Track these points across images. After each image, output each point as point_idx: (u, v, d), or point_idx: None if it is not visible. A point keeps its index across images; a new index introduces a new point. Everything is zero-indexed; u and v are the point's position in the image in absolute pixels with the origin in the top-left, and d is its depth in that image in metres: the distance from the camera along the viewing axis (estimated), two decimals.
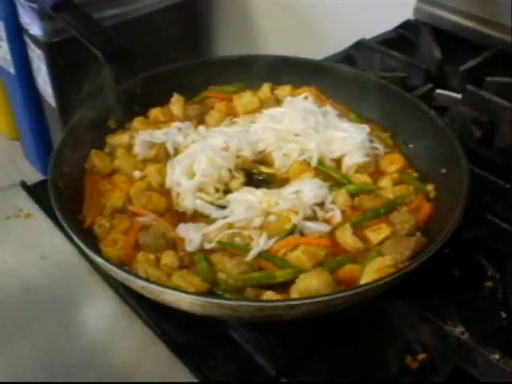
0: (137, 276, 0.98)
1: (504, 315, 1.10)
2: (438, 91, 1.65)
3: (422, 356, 1.03)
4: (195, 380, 0.98)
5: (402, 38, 1.90)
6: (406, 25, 1.93)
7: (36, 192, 1.31)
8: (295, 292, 0.99)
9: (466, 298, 1.13)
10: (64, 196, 1.13)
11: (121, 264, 1.06)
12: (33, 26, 2.40)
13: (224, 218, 1.15)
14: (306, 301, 0.91)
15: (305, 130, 1.31)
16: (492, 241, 1.22)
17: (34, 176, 3.11)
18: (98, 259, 0.98)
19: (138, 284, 0.96)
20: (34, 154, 3.19)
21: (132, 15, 2.49)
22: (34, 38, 2.46)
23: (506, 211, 1.27)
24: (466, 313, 1.10)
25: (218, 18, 2.86)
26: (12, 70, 2.77)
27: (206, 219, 1.17)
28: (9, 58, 2.73)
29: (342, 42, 1.80)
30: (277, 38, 2.60)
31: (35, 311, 1.09)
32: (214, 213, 1.18)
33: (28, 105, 2.90)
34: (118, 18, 2.43)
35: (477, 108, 1.56)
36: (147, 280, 0.97)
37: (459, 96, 1.62)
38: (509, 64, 1.73)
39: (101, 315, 1.11)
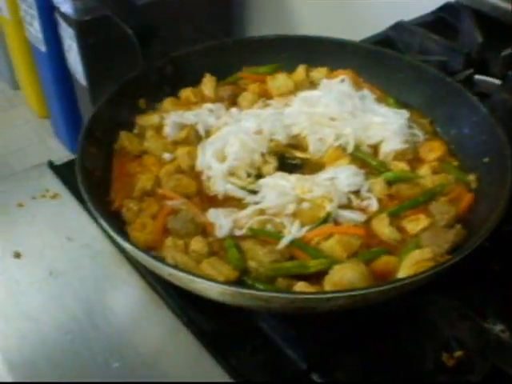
0: (165, 263, 0.94)
1: None
2: (479, 77, 1.59)
3: (458, 353, 0.99)
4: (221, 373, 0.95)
5: (442, 20, 1.84)
6: (445, 7, 1.86)
7: (63, 172, 1.29)
8: (329, 284, 0.95)
9: (506, 294, 1.08)
10: (92, 177, 1.10)
11: (148, 249, 1.02)
12: (64, 3, 2.39)
13: (256, 203, 1.11)
14: (341, 294, 0.87)
15: (341, 114, 1.26)
16: None
17: (63, 155, 3.11)
18: (126, 244, 0.95)
19: (165, 271, 0.92)
20: (64, 132, 3.19)
21: None
22: (65, 16, 2.44)
23: None
24: (506, 309, 1.05)
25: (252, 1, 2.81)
26: (43, 48, 2.76)
27: (238, 204, 1.13)
28: (40, 35, 2.71)
29: (379, 23, 1.74)
30: (314, 20, 2.54)
31: (60, 294, 1.07)
32: (246, 197, 1.13)
33: (58, 83, 2.90)
34: None
35: None
36: (176, 267, 0.93)
37: (499, 82, 1.56)
38: None
39: (126, 301, 1.08)
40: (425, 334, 1.02)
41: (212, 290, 0.90)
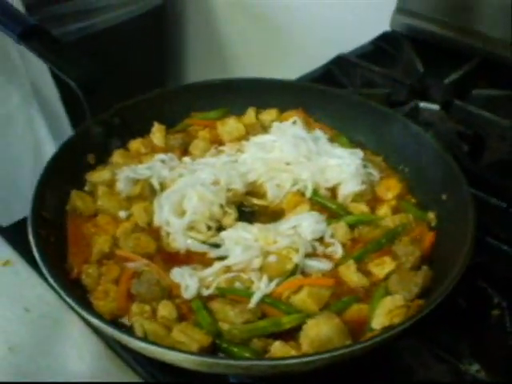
0: (135, 337, 0.91)
1: None
2: (423, 105, 1.62)
3: None
4: None
5: (381, 50, 1.87)
6: (384, 37, 1.89)
7: (12, 236, 1.23)
8: (306, 342, 0.93)
9: (475, 329, 1.10)
10: (46, 243, 1.05)
11: (114, 317, 0.99)
12: None
13: (221, 257, 1.09)
14: (323, 356, 0.85)
15: (296, 158, 1.25)
16: (495, 266, 1.18)
17: None
18: (92, 318, 0.91)
19: (136, 344, 0.88)
20: None
21: (97, 27, 2.42)
22: None
23: (506, 233, 1.24)
24: (477, 346, 1.06)
25: (186, 37, 2.79)
26: None
27: (201, 259, 1.11)
28: None
29: (320, 56, 1.76)
30: (252, 60, 2.54)
31: (21, 370, 1.02)
32: (209, 252, 1.11)
33: None
34: (83, 32, 2.34)
35: (463, 122, 1.53)
36: (147, 341, 0.90)
37: (438, 108, 1.59)
38: (492, 75, 1.71)
39: (92, 370, 1.03)
40: (402, 378, 1.02)
41: (188, 361, 0.87)
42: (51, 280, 0.96)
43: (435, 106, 1.61)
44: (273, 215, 1.21)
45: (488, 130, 1.51)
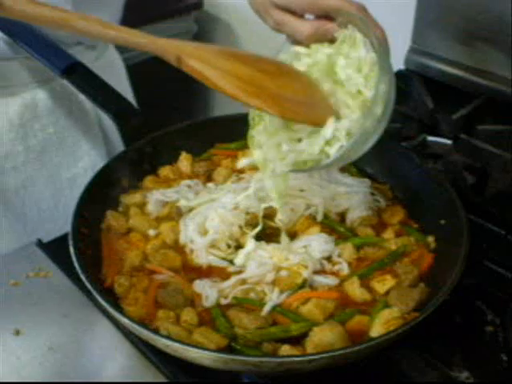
0: (162, 335, 1.03)
1: (505, 358, 1.15)
2: (431, 139, 1.73)
3: None
4: None
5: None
6: (397, 74, 2.00)
7: (52, 250, 1.37)
8: (311, 345, 1.05)
9: (468, 343, 1.19)
10: (85, 257, 1.18)
11: (142, 322, 1.11)
12: None
13: (238, 272, 1.22)
14: (323, 355, 0.97)
15: (310, 185, 1.37)
16: (491, 287, 1.28)
17: None
18: (124, 319, 1.04)
19: (162, 343, 1.01)
20: None
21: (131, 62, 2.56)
22: None
23: (502, 258, 1.33)
24: (469, 358, 1.15)
25: None
26: None
27: (221, 273, 1.23)
28: None
29: None
30: None
31: (59, 368, 1.15)
32: (229, 267, 1.24)
33: None
34: None
35: (470, 156, 1.63)
36: (171, 339, 1.02)
37: (450, 143, 1.70)
38: (498, 111, 1.81)
39: (122, 369, 1.16)
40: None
41: (206, 358, 0.99)
42: (89, 286, 1.10)
43: (445, 140, 1.72)
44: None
45: (492, 163, 1.61)
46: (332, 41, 1.19)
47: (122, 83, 1.89)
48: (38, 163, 1.66)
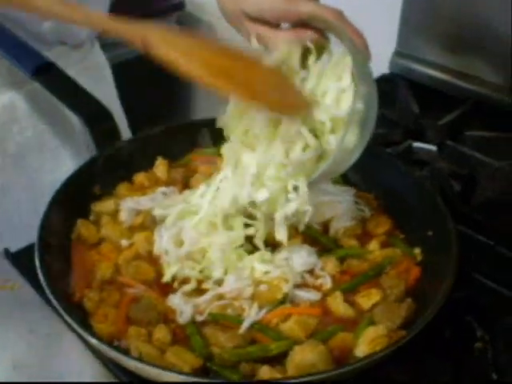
0: (131, 357, 0.97)
1: (495, 377, 1.10)
2: (417, 145, 1.68)
3: None
4: None
5: (379, 91, 1.93)
6: (381, 78, 1.96)
7: (20, 261, 1.29)
8: (291, 366, 0.99)
9: (458, 360, 1.14)
10: (52, 270, 1.12)
11: (112, 339, 1.05)
12: None
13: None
14: (305, 379, 0.91)
15: None
16: (480, 301, 1.23)
17: None
18: (92, 340, 0.97)
19: (131, 364, 0.95)
20: None
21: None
22: None
23: (492, 270, 1.28)
24: (459, 376, 1.11)
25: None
26: None
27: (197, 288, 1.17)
28: None
29: None
30: None
31: None
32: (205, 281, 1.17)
33: None
34: None
35: (456, 163, 1.59)
36: (142, 361, 0.96)
37: (436, 149, 1.65)
38: (485, 117, 1.77)
39: None
40: None
41: (180, 382, 0.93)
42: (54, 302, 1.03)
43: (431, 147, 1.68)
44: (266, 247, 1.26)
45: (479, 171, 1.57)
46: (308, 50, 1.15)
47: (107, 85, 1.83)
48: (17, 168, 1.59)
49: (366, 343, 1.03)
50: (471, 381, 1.11)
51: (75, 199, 1.30)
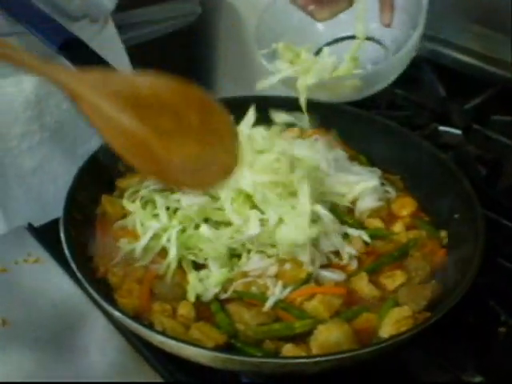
0: (155, 331, 0.97)
1: None
2: (443, 128, 1.66)
3: None
4: None
5: (405, 73, 1.91)
6: None
7: (43, 235, 1.30)
8: (316, 345, 0.98)
9: (481, 345, 1.13)
10: (77, 244, 1.12)
11: (136, 315, 1.05)
12: None
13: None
14: (330, 357, 0.90)
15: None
16: (505, 286, 1.22)
17: None
18: (116, 313, 0.97)
19: (156, 339, 0.95)
20: None
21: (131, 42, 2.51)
22: None
23: None
24: (482, 361, 1.10)
25: (217, 55, 2.87)
26: None
27: None
28: None
29: None
30: None
31: (45, 360, 1.08)
32: None
33: None
34: None
35: (482, 147, 1.57)
36: (166, 335, 0.96)
37: (461, 133, 1.64)
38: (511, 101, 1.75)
39: (113, 365, 1.09)
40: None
41: (203, 356, 0.93)
42: (80, 276, 1.03)
43: (456, 131, 1.66)
44: None
45: (505, 155, 1.55)
46: None
47: (122, 58, 1.84)
48: (54, 141, 1.61)
49: (391, 324, 1.03)
50: (495, 366, 1.10)
51: (101, 175, 1.30)
